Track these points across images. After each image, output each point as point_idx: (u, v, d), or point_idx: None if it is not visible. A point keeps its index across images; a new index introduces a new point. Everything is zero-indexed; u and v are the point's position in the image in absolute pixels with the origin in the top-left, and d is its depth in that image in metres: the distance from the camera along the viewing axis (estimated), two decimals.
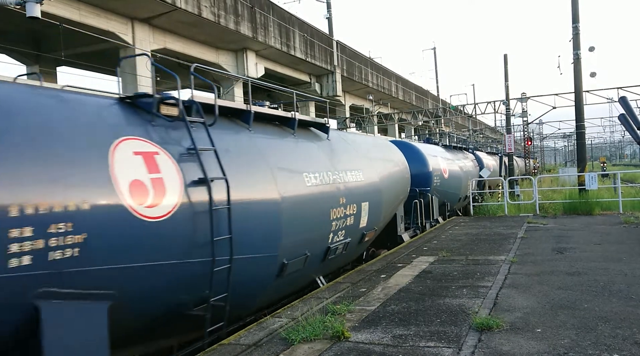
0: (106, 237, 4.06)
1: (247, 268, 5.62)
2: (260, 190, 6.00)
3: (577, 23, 18.01)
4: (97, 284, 4.00)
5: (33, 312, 3.58)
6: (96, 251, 3.97)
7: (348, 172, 8.37)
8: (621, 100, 12.65)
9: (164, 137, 5.01)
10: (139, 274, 4.34)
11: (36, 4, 8.83)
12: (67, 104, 4.38)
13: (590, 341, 4.60)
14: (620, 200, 15.89)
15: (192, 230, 4.85)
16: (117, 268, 4.13)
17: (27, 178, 3.63)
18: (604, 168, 42.89)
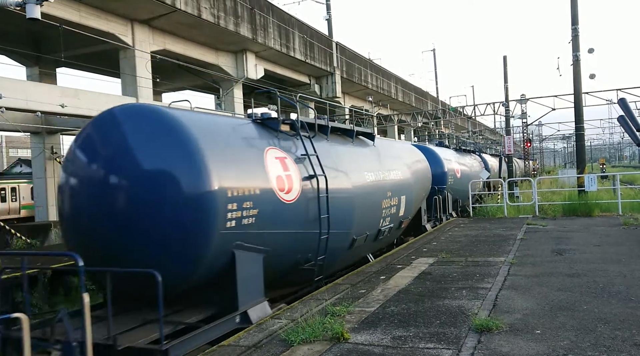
0: (266, 211, 6.40)
1: (335, 239, 7.92)
2: (341, 183, 8.30)
3: (576, 25, 18.04)
4: (260, 242, 6.34)
5: (231, 255, 5.97)
6: (261, 220, 6.30)
7: (391, 171, 10.77)
8: (620, 102, 12.67)
9: (286, 145, 7.48)
10: (281, 237, 6.78)
11: (36, 5, 8.84)
12: (232, 125, 6.85)
13: (590, 343, 4.60)
14: (619, 201, 15.91)
15: (305, 210, 7.29)
16: (270, 232, 6.52)
17: (231, 173, 5.99)
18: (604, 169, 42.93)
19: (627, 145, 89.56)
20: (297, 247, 7.21)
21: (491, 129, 64.73)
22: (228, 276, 6.02)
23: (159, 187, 5.50)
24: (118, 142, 5.71)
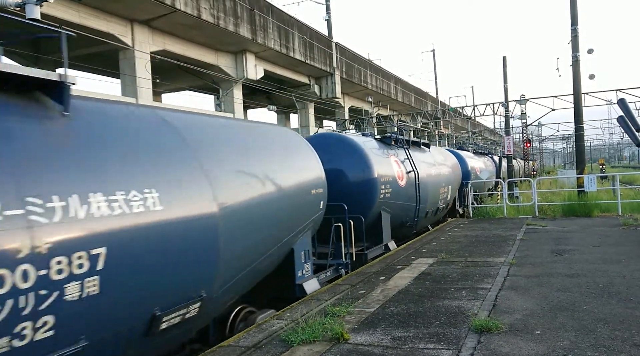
0: (393, 190, 10.97)
1: (421, 210, 12.70)
2: (423, 175, 12.76)
3: (576, 25, 18.06)
4: (390, 207, 11.09)
5: (379, 213, 10.70)
6: (391, 196, 10.91)
7: (442, 168, 15.10)
8: (620, 103, 12.68)
9: (397, 153, 12.20)
10: (398, 206, 11.40)
11: (36, 6, 8.83)
12: (371, 142, 11.82)
13: (590, 343, 4.60)
14: (619, 202, 15.91)
15: (409, 191, 12.14)
16: (394, 202, 11.11)
17: (380, 169, 10.81)
18: (603, 170, 42.94)
19: (627, 145, 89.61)
20: (405, 212, 12.02)
21: (491, 130, 64.77)
22: (379, 223, 10.72)
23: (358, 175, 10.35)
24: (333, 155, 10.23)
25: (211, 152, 5.16)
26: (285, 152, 7.00)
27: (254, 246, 5.64)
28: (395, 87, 41.38)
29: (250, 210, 5.47)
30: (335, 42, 30.54)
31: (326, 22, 32.91)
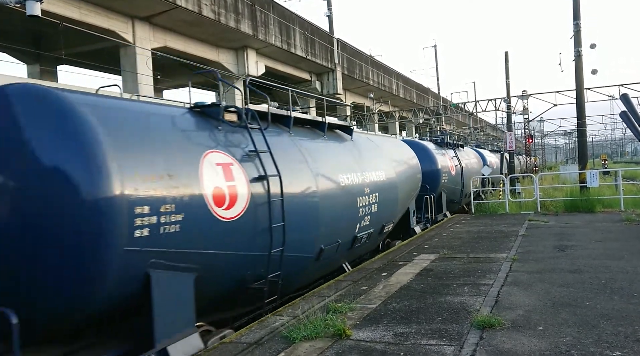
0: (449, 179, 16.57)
1: (463, 191, 16.99)
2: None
3: (578, 20, 17.97)
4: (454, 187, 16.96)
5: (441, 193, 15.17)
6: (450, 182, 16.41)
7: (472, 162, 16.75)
8: (622, 98, 12.63)
9: (446, 152, 14.86)
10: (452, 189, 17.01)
11: (36, 2, 8.80)
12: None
13: (592, 339, 4.59)
14: (621, 197, 15.86)
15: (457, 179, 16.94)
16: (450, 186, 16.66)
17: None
18: (605, 165, 42.85)
19: (629, 141, 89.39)
20: (455, 193, 13.66)
21: (493, 125, 64.63)
22: (441, 199, 12.35)
23: (430, 167, 13.86)
24: None
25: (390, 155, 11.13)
26: (403, 153, 12.36)
27: (404, 198, 11.33)
28: (396, 83, 41.29)
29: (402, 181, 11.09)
30: (337, 38, 30.46)
31: (327, 17, 32.82)
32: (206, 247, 5.21)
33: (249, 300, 6.36)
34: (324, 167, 7.71)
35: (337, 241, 7.85)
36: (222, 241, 5.46)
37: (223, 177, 5.60)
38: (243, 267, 5.86)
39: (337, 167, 8.15)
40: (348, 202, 8.19)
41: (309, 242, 7.07)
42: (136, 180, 4.51)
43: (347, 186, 8.21)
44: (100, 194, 4.23)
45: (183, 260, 4.96)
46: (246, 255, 5.82)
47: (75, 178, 4.22)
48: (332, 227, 7.60)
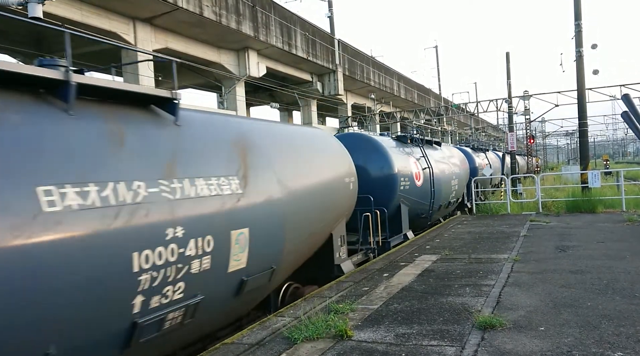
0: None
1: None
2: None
3: (579, 20, 17.96)
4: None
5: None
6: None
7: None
8: (624, 98, 12.62)
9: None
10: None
11: (38, 4, 8.83)
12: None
13: (594, 340, 4.59)
14: (623, 198, 15.84)
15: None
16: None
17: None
18: (607, 166, 42.78)
19: (631, 141, 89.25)
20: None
21: (494, 126, 64.60)
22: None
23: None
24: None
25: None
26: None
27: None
28: (397, 84, 41.29)
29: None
30: (338, 39, 30.48)
31: (328, 18, 32.85)
32: (413, 194, 12.24)
33: (420, 224, 12.75)
34: (437, 163, 8.38)
35: (445, 201, 10.44)
36: (415, 190, 12.28)
37: (414, 163, 12.97)
38: (420, 206, 12.91)
39: (441, 162, 9.27)
40: (447, 180, 10.27)
41: (438, 200, 12.18)
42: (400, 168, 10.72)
43: (447, 173, 9.82)
44: None
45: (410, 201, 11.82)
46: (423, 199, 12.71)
47: None
48: (442, 194, 9.99)
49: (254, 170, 5.75)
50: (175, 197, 4.45)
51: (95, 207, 3.68)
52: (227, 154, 5.53)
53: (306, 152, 7.44)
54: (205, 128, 5.47)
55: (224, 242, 4.98)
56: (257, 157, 5.96)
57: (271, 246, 5.93)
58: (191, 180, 4.72)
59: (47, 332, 3.35)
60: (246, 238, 5.34)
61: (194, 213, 4.61)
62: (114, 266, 3.79)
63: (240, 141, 5.85)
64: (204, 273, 4.70)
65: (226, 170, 5.32)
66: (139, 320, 4.05)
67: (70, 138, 3.80)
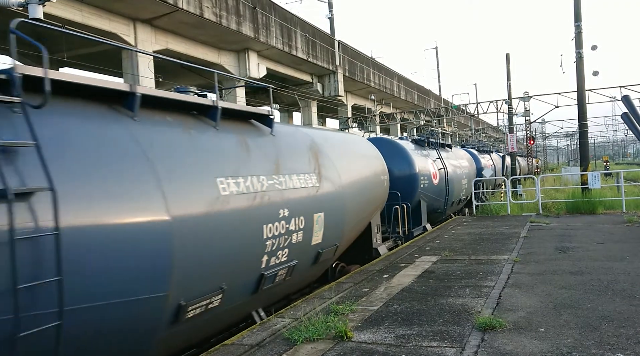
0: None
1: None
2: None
3: (579, 22, 17.97)
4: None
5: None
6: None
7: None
8: (624, 99, 12.62)
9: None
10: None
11: (38, 5, 8.84)
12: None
13: (594, 341, 4.59)
14: (623, 199, 15.84)
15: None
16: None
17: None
18: (607, 167, 42.78)
19: (631, 142, 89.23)
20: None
21: (494, 127, 64.61)
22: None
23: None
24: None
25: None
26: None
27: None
28: (398, 85, 41.31)
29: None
30: (338, 40, 30.51)
31: (329, 20, 32.88)
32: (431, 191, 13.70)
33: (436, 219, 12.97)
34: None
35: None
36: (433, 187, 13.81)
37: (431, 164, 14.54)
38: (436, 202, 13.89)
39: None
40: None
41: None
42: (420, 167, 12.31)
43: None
44: None
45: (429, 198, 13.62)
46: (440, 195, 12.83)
47: None
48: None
49: (324, 169, 7.55)
50: (282, 187, 6.24)
51: (243, 193, 5.48)
52: (307, 156, 7.28)
53: (354, 154, 9.22)
54: (289, 137, 7.26)
55: (309, 221, 6.80)
56: (324, 158, 7.74)
57: (336, 227, 7.70)
58: (290, 175, 6.52)
59: (222, 274, 5.16)
60: (322, 220, 7.16)
61: (293, 199, 6.38)
62: (254, 232, 5.62)
63: (312, 147, 7.64)
64: (298, 243, 6.53)
65: (307, 168, 7.10)
66: (264, 273, 5.91)
67: (221, 146, 5.60)
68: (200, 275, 4.82)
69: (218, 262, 5.07)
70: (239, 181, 5.46)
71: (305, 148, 7.42)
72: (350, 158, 8.83)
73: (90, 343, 3.85)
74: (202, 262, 4.80)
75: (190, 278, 4.66)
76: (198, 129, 5.41)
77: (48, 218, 3.48)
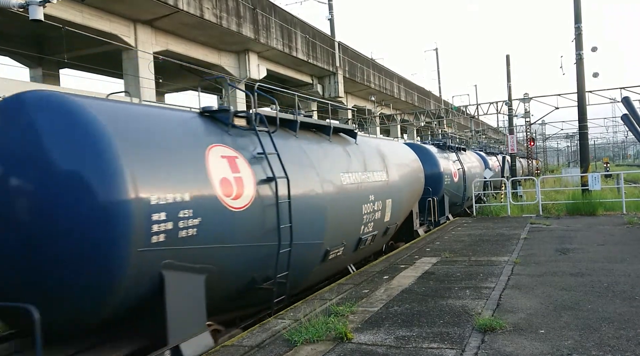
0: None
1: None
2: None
3: (579, 23, 17.98)
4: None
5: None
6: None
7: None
8: (624, 101, 12.62)
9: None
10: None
11: (39, 6, 8.85)
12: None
13: (594, 342, 4.58)
14: (623, 200, 15.83)
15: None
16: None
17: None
18: (607, 168, 42.78)
19: (631, 143, 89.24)
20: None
21: (494, 128, 64.62)
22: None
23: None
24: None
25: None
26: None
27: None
28: (398, 86, 41.33)
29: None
30: (338, 41, 30.52)
31: (329, 21, 32.90)
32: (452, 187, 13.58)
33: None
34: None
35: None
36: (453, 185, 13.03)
37: (452, 164, 13.47)
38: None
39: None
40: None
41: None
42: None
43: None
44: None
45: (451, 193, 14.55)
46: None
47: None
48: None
49: (388, 167, 10.31)
50: (370, 180, 9.08)
51: (352, 183, 8.34)
52: (378, 159, 10.07)
53: (402, 157, 11.92)
54: (366, 146, 10.01)
55: (384, 205, 9.64)
56: (387, 160, 10.47)
57: (397, 211, 10.58)
58: (372, 172, 9.36)
59: (343, 235, 7.99)
60: (391, 204, 10.00)
61: (375, 188, 9.23)
62: (357, 209, 8.48)
63: (380, 152, 10.40)
64: (378, 220, 9.38)
65: (380, 167, 9.88)
66: (361, 237, 8.81)
67: (336, 152, 8.43)
68: (335, 234, 7.60)
69: (342, 226, 7.88)
70: (349, 175, 8.35)
71: (376, 153, 10.25)
72: (401, 160, 11.60)
73: (298, 261, 6.64)
74: (335, 226, 7.55)
75: (331, 235, 7.46)
76: (322, 142, 8.31)
77: (285, 192, 6.35)
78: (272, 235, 6.11)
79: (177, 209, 4.78)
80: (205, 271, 5.17)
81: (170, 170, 4.93)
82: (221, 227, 5.35)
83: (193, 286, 5.04)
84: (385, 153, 10.63)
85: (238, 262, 5.68)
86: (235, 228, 5.53)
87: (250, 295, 6.25)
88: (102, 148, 4.43)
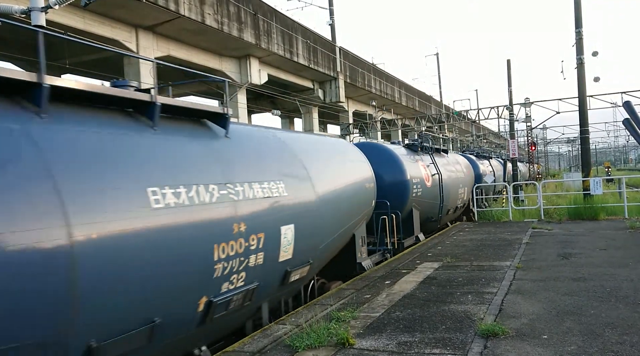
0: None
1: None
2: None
3: (580, 28, 18.01)
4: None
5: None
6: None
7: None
8: (625, 105, 12.62)
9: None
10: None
11: (41, 12, 8.88)
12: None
13: (597, 348, 4.56)
14: (625, 205, 15.80)
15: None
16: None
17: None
18: (609, 173, 42.72)
19: (633, 148, 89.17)
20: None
21: (495, 133, 64.63)
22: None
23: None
24: None
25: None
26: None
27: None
28: (399, 91, 41.38)
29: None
30: (339, 46, 30.59)
31: (330, 26, 32.99)
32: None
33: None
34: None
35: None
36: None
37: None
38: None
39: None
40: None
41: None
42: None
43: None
44: None
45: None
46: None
47: None
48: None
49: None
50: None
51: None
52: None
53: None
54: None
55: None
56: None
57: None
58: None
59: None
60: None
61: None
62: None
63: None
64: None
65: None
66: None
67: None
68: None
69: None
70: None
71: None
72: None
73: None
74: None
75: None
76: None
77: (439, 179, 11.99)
78: (438, 199, 12.68)
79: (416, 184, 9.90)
80: None
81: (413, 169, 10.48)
82: None
83: None
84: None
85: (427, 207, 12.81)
86: (427, 194, 12.34)
87: (428, 224, 13.49)
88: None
